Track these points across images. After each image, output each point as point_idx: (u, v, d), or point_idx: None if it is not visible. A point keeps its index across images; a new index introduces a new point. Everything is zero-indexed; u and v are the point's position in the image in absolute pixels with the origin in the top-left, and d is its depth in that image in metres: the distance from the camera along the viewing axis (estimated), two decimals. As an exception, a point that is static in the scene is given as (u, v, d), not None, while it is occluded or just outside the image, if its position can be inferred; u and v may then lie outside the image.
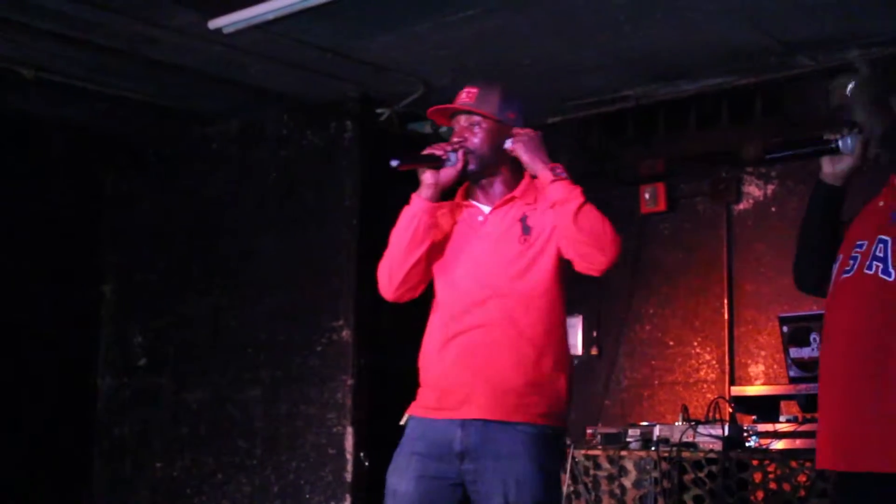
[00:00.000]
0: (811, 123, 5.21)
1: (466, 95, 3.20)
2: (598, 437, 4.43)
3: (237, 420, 5.74)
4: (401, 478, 2.99)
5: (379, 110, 5.56)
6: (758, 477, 3.95)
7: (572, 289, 3.26)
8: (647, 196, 5.82)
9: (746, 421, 4.28)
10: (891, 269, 2.64)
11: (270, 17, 4.38)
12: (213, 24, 4.51)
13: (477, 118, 3.16)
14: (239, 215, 5.94)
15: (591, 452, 4.33)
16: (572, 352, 5.98)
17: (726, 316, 5.57)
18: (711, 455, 4.04)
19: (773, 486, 3.92)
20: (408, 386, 3.33)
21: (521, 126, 3.20)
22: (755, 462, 3.97)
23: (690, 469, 4.07)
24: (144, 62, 4.96)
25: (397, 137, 5.71)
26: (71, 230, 6.26)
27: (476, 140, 3.14)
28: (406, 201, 3.20)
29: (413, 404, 3.14)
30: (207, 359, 5.91)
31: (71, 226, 6.27)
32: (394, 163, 3.05)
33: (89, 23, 4.56)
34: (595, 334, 5.95)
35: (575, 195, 3.09)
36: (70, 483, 6.16)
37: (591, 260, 3.04)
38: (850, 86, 2.58)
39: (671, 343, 5.76)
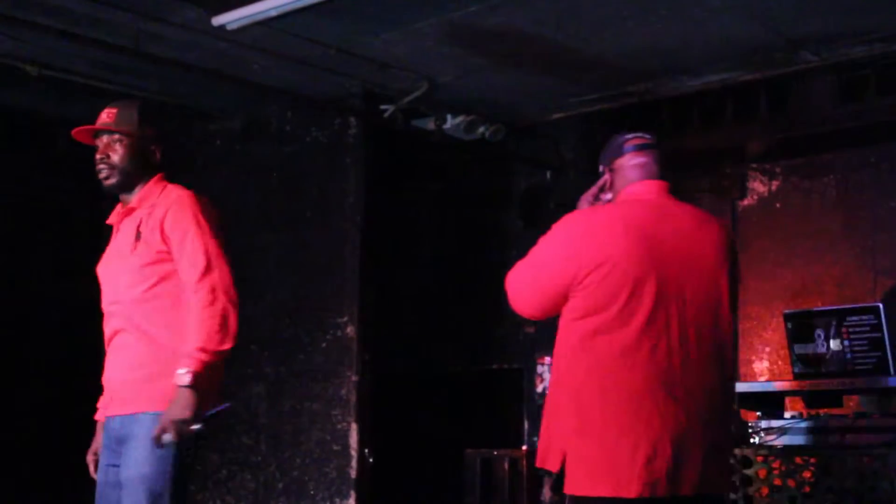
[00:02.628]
0: (815, 120, 5.22)
1: (107, 116, 3.29)
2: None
3: (242, 416, 5.74)
4: None
5: (383, 107, 5.56)
6: (762, 473, 3.95)
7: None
8: (651, 192, 5.81)
9: (751, 417, 4.27)
10: None
11: (274, 13, 4.38)
12: (217, 20, 4.51)
13: (116, 136, 3.27)
14: (243, 211, 5.94)
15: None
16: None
17: (731, 312, 5.57)
18: (716, 451, 4.03)
19: (777, 481, 3.91)
20: (410, 384, 3.34)
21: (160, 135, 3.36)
22: (760, 458, 3.97)
23: (695, 465, 4.06)
24: (148, 59, 4.96)
25: (401, 134, 5.71)
26: (75, 227, 6.26)
27: (115, 157, 3.27)
28: (410, 198, 3.22)
29: None
30: (211, 355, 5.90)
31: (75, 222, 6.26)
32: None
33: (93, 19, 4.56)
34: (599, 331, 5.94)
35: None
36: (73, 481, 6.16)
37: None
38: None
39: (675, 339, 5.75)
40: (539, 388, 6.00)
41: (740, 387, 4.61)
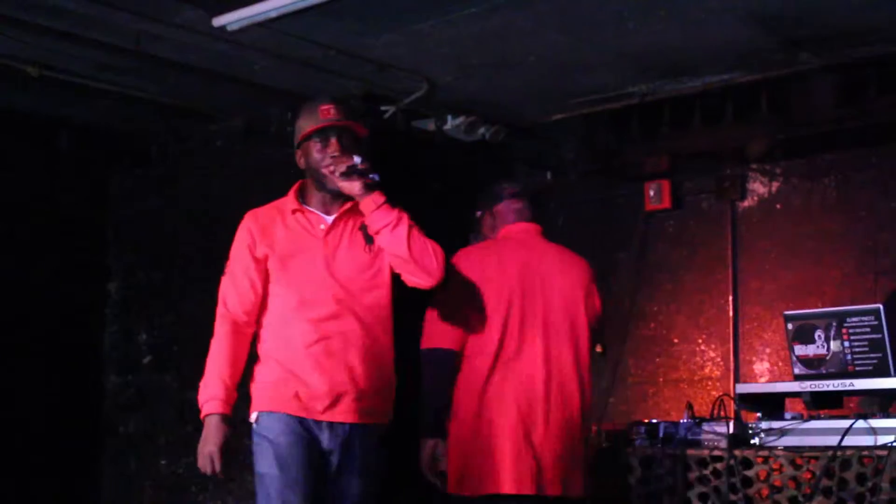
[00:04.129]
0: (816, 120, 5.21)
1: (337, 112, 3.39)
2: (603, 434, 4.43)
3: (242, 417, 5.73)
4: None
5: (383, 108, 5.56)
6: (763, 474, 3.95)
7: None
8: (651, 193, 5.82)
9: (751, 418, 4.27)
10: None
11: (274, 14, 4.39)
12: (218, 21, 4.51)
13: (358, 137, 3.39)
14: (243, 212, 5.93)
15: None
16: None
17: (731, 313, 5.57)
18: (716, 452, 4.04)
19: (777, 483, 3.92)
20: (409, 384, 3.38)
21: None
22: (760, 459, 3.97)
23: (695, 466, 4.07)
24: (149, 60, 4.96)
25: (401, 134, 5.71)
26: (76, 228, 6.26)
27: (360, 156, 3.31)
28: (410, 199, 3.31)
29: None
30: (212, 356, 5.90)
31: (76, 224, 6.27)
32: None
33: (94, 20, 4.56)
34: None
35: (402, 219, 3.25)
36: (75, 481, 6.17)
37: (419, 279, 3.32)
38: None
39: (676, 340, 5.76)
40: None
41: (741, 388, 4.62)
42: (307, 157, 3.44)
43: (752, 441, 4.07)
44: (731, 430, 4.05)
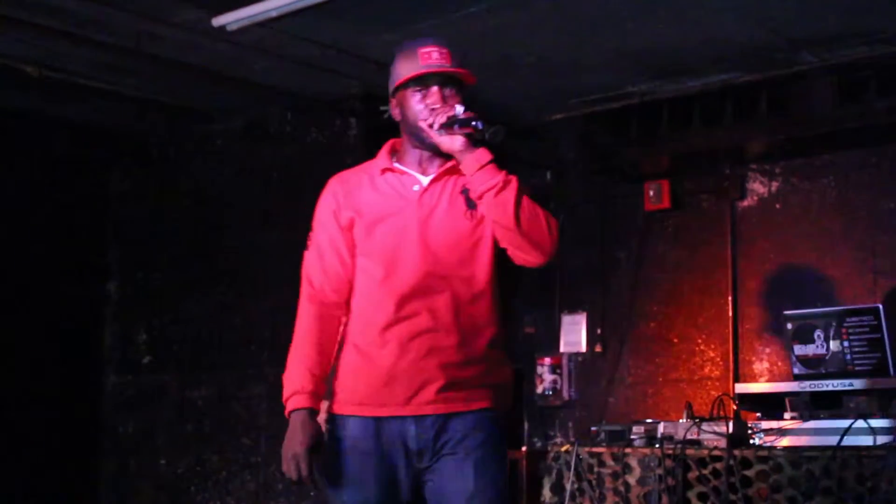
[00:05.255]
0: (815, 120, 5.21)
1: (441, 56, 2.85)
2: (602, 434, 4.43)
3: (242, 417, 5.74)
4: None
5: (382, 107, 5.54)
6: (762, 474, 3.95)
7: (576, 287, 3.26)
8: (651, 193, 5.81)
9: (751, 418, 4.27)
10: None
11: (274, 14, 4.39)
12: (217, 21, 4.51)
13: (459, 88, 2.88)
14: (243, 212, 5.95)
15: (595, 450, 4.33)
16: (576, 349, 6.03)
17: (731, 313, 5.57)
18: (716, 452, 4.04)
19: (777, 483, 3.91)
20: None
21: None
22: (759, 459, 3.97)
23: (695, 466, 4.07)
24: (148, 59, 4.96)
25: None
26: (75, 228, 6.27)
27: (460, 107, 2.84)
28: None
29: None
30: (212, 356, 5.91)
31: (75, 223, 6.27)
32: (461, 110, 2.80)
33: (93, 20, 4.57)
34: (599, 331, 5.95)
35: (510, 183, 2.75)
36: (75, 480, 6.17)
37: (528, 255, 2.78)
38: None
39: (675, 340, 5.76)
40: (539, 389, 5.99)
41: (740, 388, 4.62)
42: (403, 108, 2.92)
43: (751, 441, 4.06)
44: (731, 430, 4.04)
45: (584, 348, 5.96)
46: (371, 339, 2.79)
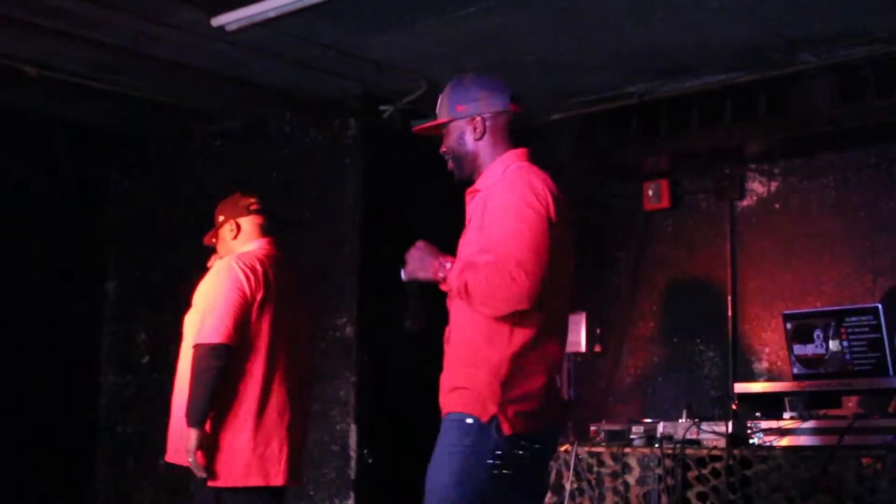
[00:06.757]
0: (815, 120, 5.21)
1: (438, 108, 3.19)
2: (602, 434, 4.43)
3: (241, 417, 5.73)
4: None
5: (382, 108, 5.56)
6: (762, 474, 3.95)
7: (575, 287, 3.25)
8: (650, 193, 5.82)
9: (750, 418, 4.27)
10: None
11: (273, 14, 4.39)
12: (216, 21, 4.51)
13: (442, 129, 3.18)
14: (242, 213, 5.94)
15: (594, 449, 4.33)
16: (576, 349, 6.03)
17: (730, 313, 5.57)
18: (715, 452, 4.04)
19: (776, 482, 3.91)
20: (409, 384, 3.34)
21: (481, 108, 3.17)
22: (759, 459, 3.97)
23: (694, 466, 4.07)
24: (147, 59, 4.96)
25: (400, 135, 5.70)
26: (74, 228, 6.26)
27: (445, 147, 3.20)
28: (409, 199, 3.26)
29: None
30: (211, 356, 5.90)
31: (74, 223, 6.27)
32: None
33: (92, 20, 4.56)
34: (598, 331, 5.95)
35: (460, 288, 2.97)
36: (74, 480, 6.17)
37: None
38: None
39: (675, 340, 5.76)
40: (538, 389, 5.99)
41: (740, 387, 4.62)
42: None
43: (750, 441, 4.07)
44: (730, 430, 4.05)
45: (583, 348, 5.96)
46: None
